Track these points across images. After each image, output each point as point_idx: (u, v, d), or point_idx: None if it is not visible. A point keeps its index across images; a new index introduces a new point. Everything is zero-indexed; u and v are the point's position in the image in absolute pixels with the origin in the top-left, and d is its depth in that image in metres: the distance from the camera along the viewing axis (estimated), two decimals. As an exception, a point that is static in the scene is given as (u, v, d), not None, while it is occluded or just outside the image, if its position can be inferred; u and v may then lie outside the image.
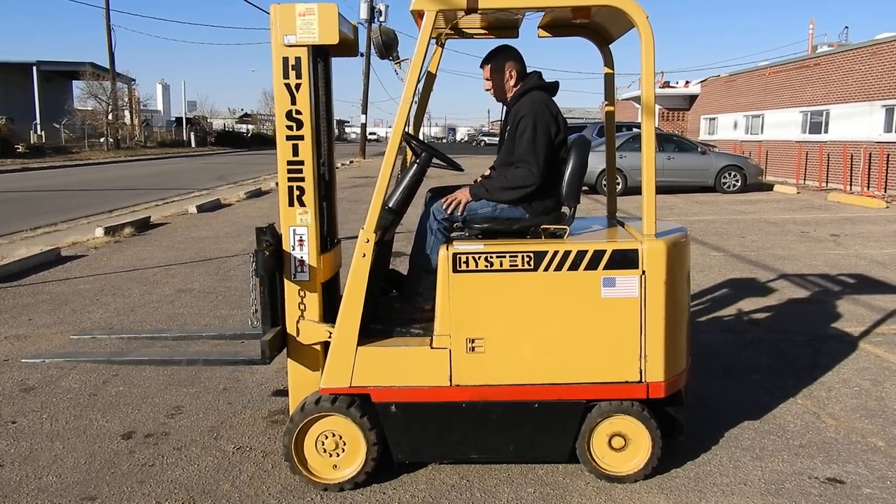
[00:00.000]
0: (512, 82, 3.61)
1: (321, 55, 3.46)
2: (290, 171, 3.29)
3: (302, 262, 3.35)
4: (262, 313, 3.42)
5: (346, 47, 3.63)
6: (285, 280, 3.37)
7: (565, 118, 3.58)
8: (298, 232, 3.33)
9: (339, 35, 3.17)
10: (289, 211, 3.32)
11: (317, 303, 3.38)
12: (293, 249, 3.34)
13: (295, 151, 3.27)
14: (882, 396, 4.39)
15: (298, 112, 3.24)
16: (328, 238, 3.64)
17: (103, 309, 6.47)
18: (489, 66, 3.62)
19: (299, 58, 3.19)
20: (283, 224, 3.34)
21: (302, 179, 3.29)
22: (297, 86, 3.22)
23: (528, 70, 3.66)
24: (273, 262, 3.31)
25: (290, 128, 3.25)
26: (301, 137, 3.26)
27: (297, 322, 3.38)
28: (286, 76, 3.21)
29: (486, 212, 3.48)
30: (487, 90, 3.69)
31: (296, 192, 3.30)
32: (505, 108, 3.71)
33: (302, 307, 3.37)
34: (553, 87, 3.62)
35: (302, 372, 3.43)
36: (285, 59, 3.19)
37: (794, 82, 22.60)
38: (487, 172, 3.88)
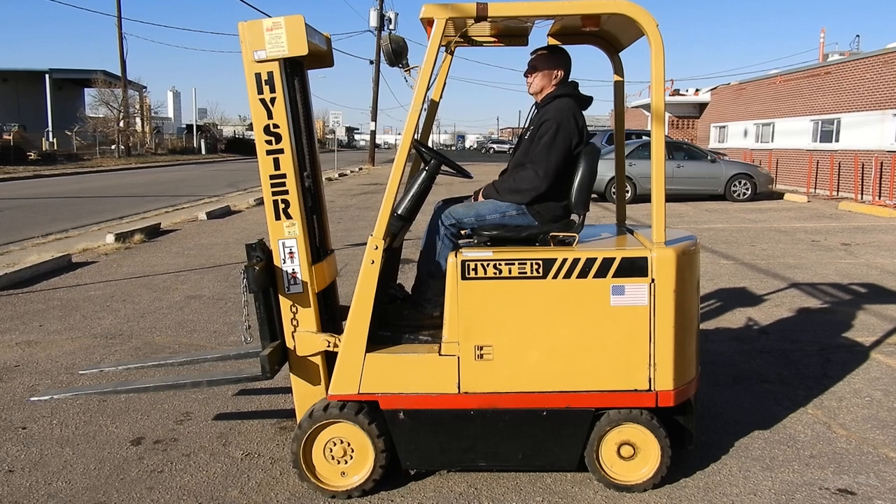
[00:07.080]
0: (552, 84, 3.61)
1: (295, 68, 3.47)
2: (273, 186, 3.29)
3: (294, 274, 3.35)
4: (259, 329, 3.42)
5: (320, 58, 3.64)
6: (280, 293, 3.37)
7: (589, 132, 3.57)
8: (288, 244, 3.33)
9: (310, 46, 3.16)
10: (276, 225, 3.32)
11: (313, 313, 3.38)
12: (284, 263, 3.34)
13: (276, 165, 3.27)
14: (893, 407, 4.35)
15: (276, 126, 3.24)
16: (320, 249, 3.64)
17: (113, 315, 6.50)
18: (543, 56, 3.61)
19: (271, 72, 3.19)
20: (273, 238, 3.35)
21: (286, 192, 3.29)
22: (273, 100, 3.22)
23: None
24: (265, 276, 3.31)
25: (269, 142, 3.25)
26: (281, 151, 3.26)
27: (294, 334, 3.38)
28: (260, 91, 3.21)
29: (495, 219, 3.49)
30: (526, 77, 3.68)
31: (281, 206, 3.30)
32: (534, 107, 3.71)
33: (298, 319, 3.37)
34: (586, 100, 3.62)
35: (305, 383, 3.43)
36: (258, 75, 3.20)
37: (805, 91, 22.53)
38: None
